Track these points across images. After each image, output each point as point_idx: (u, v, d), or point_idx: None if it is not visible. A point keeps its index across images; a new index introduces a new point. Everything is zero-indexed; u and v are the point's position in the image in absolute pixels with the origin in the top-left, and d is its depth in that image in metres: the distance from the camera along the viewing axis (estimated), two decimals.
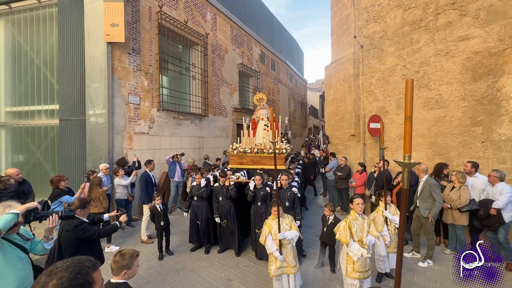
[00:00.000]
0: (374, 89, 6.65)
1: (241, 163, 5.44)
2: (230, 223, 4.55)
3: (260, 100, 5.95)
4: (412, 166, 1.29)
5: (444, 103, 5.16)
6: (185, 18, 8.11)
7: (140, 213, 6.70)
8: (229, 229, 4.58)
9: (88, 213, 2.81)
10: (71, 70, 6.24)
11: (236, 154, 5.48)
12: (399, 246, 1.41)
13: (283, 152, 5.23)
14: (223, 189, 4.59)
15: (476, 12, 4.65)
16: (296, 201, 4.23)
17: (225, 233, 4.64)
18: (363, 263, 2.85)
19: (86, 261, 1.05)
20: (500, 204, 3.81)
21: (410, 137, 1.31)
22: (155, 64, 7.17)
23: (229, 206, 4.56)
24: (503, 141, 4.39)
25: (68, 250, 2.54)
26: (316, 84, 30.65)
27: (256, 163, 5.30)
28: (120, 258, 1.82)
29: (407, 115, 1.29)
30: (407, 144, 1.30)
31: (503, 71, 4.38)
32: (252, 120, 6.05)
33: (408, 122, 1.30)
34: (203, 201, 4.72)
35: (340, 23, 7.65)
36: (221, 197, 4.59)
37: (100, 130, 5.93)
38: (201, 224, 4.66)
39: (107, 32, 5.77)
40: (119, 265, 1.80)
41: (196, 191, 4.73)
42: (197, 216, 4.70)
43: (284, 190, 4.24)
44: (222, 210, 4.57)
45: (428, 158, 5.40)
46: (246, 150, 5.34)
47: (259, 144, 5.49)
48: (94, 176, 4.96)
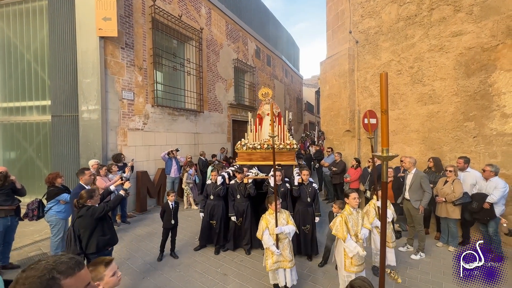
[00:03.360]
0: (369, 84, 6.69)
1: (250, 159, 5.27)
2: (246, 221, 4.40)
3: (266, 95, 5.86)
4: (390, 159, 1.29)
5: (437, 99, 5.22)
6: (179, 13, 7.99)
7: (136, 209, 6.68)
8: (243, 227, 4.43)
9: (97, 201, 3.05)
10: (63, 65, 6.12)
11: (245, 150, 5.28)
12: (381, 235, 1.41)
13: (294, 147, 5.15)
14: (240, 186, 4.41)
15: (470, 7, 4.68)
16: (317, 197, 4.23)
17: (240, 232, 4.47)
18: (359, 257, 2.90)
19: (63, 264, 0.90)
20: (495, 199, 3.90)
21: (387, 131, 1.30)
22: (149, 59, 7.07)
23: (246, 205, 4.41)
24: (494, 136, 4.47)
25: (85, 234, 2.82)
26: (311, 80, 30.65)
27: (266, 159, 5.15)
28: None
29: (383, 109, 1.28)
30: (384, 138, 1.29)
31: (495, 66, 4.43)
32: (258, 115, 5.98)
33: (384, 116, 1.28)
34: (219, 200, 4.53)
35: (336, 19, 7.63)
36: (238, 195, 4.41)
37: (94, 126, 5.85)
38: (216, 224, 4.46)
39: (99, 26, 5.66)
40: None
41: (213, 190, 4.50)
42: (213, 216, 4.50)
43: (305, 186, 4.21)
44: (239, 208, 4.41)
45: (421, 153, 5.48)
46: (256, 146, 5.19)
47: (267, 139, 5.37)
48: (104, 170, 5.12)
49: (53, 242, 4.00)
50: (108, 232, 3.00)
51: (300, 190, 4.20)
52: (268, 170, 4.97)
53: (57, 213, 3.97)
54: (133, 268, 3.94)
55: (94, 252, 2.84)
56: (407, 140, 5.78)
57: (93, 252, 2.84)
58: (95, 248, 2.84)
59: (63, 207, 4.02)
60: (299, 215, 4.22)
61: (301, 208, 4.21)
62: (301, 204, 4.23)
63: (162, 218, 4.28)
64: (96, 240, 2.86)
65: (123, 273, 3.76)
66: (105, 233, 2.96)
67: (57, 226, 4.00)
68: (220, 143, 10.29)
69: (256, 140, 5.45)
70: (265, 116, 5.87)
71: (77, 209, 2.87)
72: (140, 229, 5.54)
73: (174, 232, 4.33)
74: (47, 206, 3.97)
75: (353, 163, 6.31)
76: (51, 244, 4.02)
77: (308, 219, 4.19)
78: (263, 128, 5.75)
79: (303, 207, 4.20)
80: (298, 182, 4.20)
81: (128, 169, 5.76)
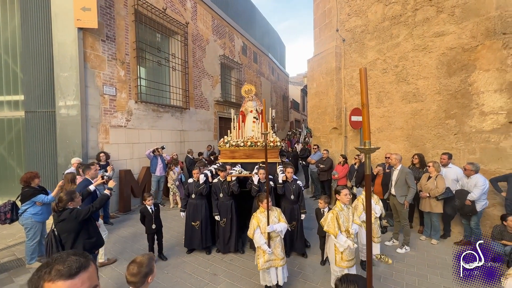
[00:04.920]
0: (355, 82, 6.79)
1: (233, 157, 5.18)
2: (230, 222, 4.26)
3: (249, 91, 5.77)
4: (373, 151, 1.27)
5: (421, 97, 5.38)
6: (164, 6, 7.71)
7: (119, 210, 6.42)
8: (229, 228, 4.27)
9: (79, 203, 2.87)
10: (37, 58, 5.72)
11: (228, 147, 5.17)
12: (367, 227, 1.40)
13: (278, 145, 5.10)
14: (223, 185, 4.29)
15: (452, 9, 4.84)
16: (301, 194, 4.21)
17: (225, 233, 4.29)
18: (350, 252, 2.92)
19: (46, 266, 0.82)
20: (475, 197, 4.07)
21: (368, 124, 1.28)
22: (132, 53, 6.77)
23: (230, 203, 4.29)
24: (473, 133, 4.67)
25: (69, 238, 2.66)
26: (297, 78, 30.89)
27: (250, 156, 5.08)
28: (138, 267, 1.64)
29: (363, 103, 1.27)
30: (365, 131, 1.28)
31: (475, 66, 4.62)
32: (241, 112, 5.88)
33: (365, 109, 1.27)
34: (202, 199, 4.36)
35: (323, 16, 7.67)
36: (221, 194, 4.29)
37: (72, 122, 5.53)
38: (200, 224, 4.28)
39: (78, 17, 5.33)
40: (143, 273, 1.63)
41: (195, 188, 4.30)
42: (195, 216, 4.31)
43: (290, 184, 4.17)
44: (222, 207, 4.27)
45: (405, 150, 5.64)
46: (239, 144, 5.08)
47: (251, 137, 5.29)
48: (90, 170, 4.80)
49: (28, 246, 3.74)
50: (94, 234, 2.87)
51: (284, 188, 4.16)
52: (252, 167, 4.89)
53: (33, 216, 3.71)
54: (118, 271, 3.77)
55: None
56: (392, 137, 5.93)
57: None
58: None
59: (40, 209, 3.77)
60: (284, 213, 4.19)
61: (287, 206, 4.18)
62: (286, 202, 4.20)
63: (143, 223, 4.09)
64: (82, 243, 2.71)
65: (107, 277, 3.60)
66: (91, 235, 2.82)
67: (33, 229, 3.74)
68: (207, 140, 10.12)
69: (239, 137, 5.34)
70: (248, 113, 5.80)
71: (57, 213, 2.67)
72: (124, 230, 5.33)
73: (160, 235, 4.14)
74: (21, 208, 3.70)
75: (340, 160, 6.40)
76: (26, 248, 3.76)
77: (294, 217, 4.17)
78: (246, 125, 5.68)
79: (288, 204, 4.17)
80: (282, 180, 4.17)
81: (110, 168, 5.48)
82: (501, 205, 4.30)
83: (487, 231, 4.26)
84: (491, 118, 4.45)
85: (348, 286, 1.30)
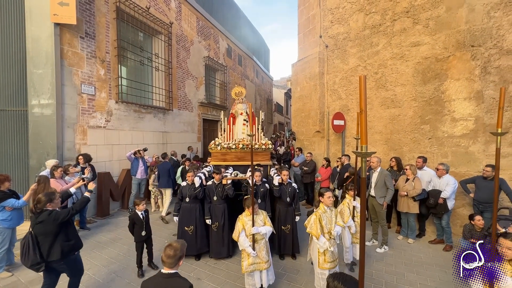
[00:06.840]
0: (337, 87, 7.00)
1: (224, 159, 5.12)
2: (222, 226, 4.15)
3: (239, 94, 5.77)
4: (368, 155, 1.35)
5: (398, 103, 5.65)
6: (147, 4, 7.54)
7: (97, 214, 6.14)
8: (221, 232, 4.14)
9: (58, 204, 2.77)
10: (7, 53, 5.37)
11: (219, 150, 5.11)
12: (361, 230, 1.45)
13: (269, 147, 5.12)
14: (218, 188, 4.19)
15: (427, 21, 5.15)
16: (296, 197, 4.23)
17: (218, 238, 4.16)
18: (332, 254, 2.99)
19: None
20: (447, 194, 4.36)
21: (365, 129, 1.35)
22: (113, 52, 6.55)
23: (223, 207, 4.19)
24: (446, 137, 4.98)
25: (46, 240, 2.57)
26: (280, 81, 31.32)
27: (241, 159, 5.05)
28: (174, 251, 1.93)
29: (361, 109, 1.34)
30: (363, 136, 1.34)
31: (446, 75, 4.94)
32: (231, 114, 5.86)
33: (363, 115, 1.34)
34: (196, 203, 4.21)
35: (307, 22, 7.86)
36: (215, 197, 4.17)
37: (47, 122, 5.23)
38: (193, 229, 4.13)
39: (54, 12, 5.07)
40: (178, 256, 1.95)
41: (190, 192, 4.14)
42: (189, 221, 4.16)
43: (285, 186, 4.19)
44: (215, 211, 4.15)
45: (384, 153, 5.89)
46: (230, 146, 5.04)
47: (242, 139, 5.27)
48: (59, 171, 4.63)
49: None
50: (72, 236, 2.74)
51: (280, 190, 4.20)
52: (243, 170, 4.91)
53: (2, 222, 3.47)
54: (96, 278, 3.60)
55: (58, 258, 2.59)
56: (371, 141, 6.17)
57: (57, 259, 2.59)
58: (59, 255, 2.58)
59: (9, 214, 3.53)
60: (279, 215, 4.23)
61: (282, 208, 4.21)
62: (281, 204, 4.23)
63: (131, 231, 3.78)
64: (59, 246, 2.59)
65: (84, 285, 3.42)
66: (69, 238, 2.70)
67: (1, 236, 3.50)
68: (190, 142, 9.96)
69: (229, 140, 5.34)
70: (238, 116, 5.79)
71: (34, 214, 2.55)
72: (102, 236, 5.10)
73: (150, 242, 3.91)
74: None
75: (324, 163, 6.55)
76: None
77: (289, 219, 4.20)
78: (237, 127, 5.68)
79: (283, 207, 4.20)
80: (278, 182, 4.20)
81: (88, 170, 5.23)
82: (469, 205, 4.61)
83: (457, 229, 4.55)
84: (461, 124, 4.77)
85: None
